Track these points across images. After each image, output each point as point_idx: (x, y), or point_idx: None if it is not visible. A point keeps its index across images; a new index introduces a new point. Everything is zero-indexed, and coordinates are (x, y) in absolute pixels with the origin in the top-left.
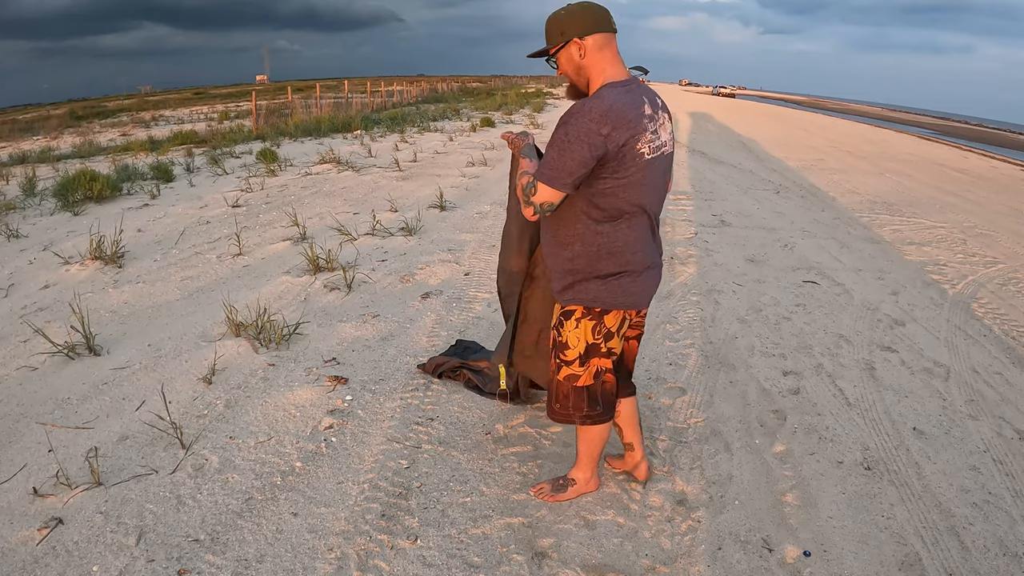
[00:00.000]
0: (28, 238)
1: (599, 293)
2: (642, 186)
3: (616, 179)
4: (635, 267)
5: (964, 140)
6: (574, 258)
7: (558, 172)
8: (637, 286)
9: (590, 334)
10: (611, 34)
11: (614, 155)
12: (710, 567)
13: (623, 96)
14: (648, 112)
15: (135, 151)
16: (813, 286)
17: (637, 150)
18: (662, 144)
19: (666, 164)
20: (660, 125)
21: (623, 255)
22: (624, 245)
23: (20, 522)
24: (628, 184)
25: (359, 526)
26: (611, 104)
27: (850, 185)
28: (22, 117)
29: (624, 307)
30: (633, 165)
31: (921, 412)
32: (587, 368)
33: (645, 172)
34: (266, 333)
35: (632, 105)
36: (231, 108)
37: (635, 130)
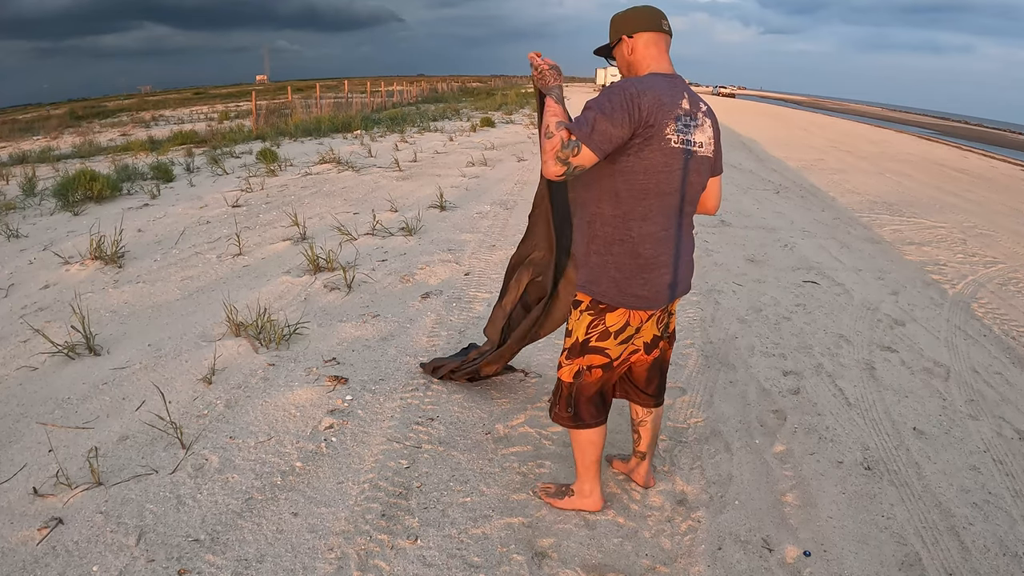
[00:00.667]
0: (28, 238)
1: (608, 288)
2: (663, 173)
3: (639, 158)
4: (648, 263)
5: (964, 140)
6: (591, 240)
7: (601, 135)
8: (645, 286)
9: (583, 330)
10: (661, 34)
11: (642, 132)
12: (710, 567)
13: (662, 82)
14: (685, 107)
15: (135, 151)
16: (813, 286)
17: (664, 134)
18: (696, 142)
19: (698, 163)
20: (697, 125)
21: (637, 246)
22: (639, 236)
23: (20, 522)
24: (650, 167)
25: (359, 526)
26: (650, 84)
27: (850, 185)
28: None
29: (630, 307)
30: (658, 148)
31: (921, 412)
32: (571, 364)
33: (669, 159)
34: (266, 333)
35: (669, 90)
36: (231, 108)
37: (667, 115)
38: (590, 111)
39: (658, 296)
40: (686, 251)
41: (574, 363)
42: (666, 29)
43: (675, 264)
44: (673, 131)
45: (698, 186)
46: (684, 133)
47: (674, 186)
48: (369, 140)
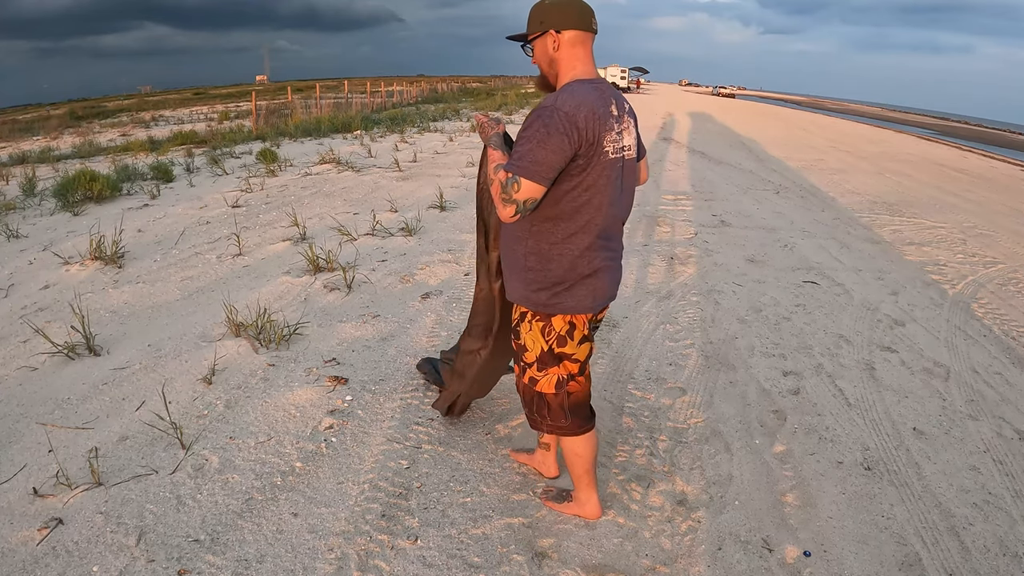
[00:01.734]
0: (28, 238)
1: (548, 297)
2: (603, 186)
3: (580, 177)
4: (586, 271)
5: (964, 140)
6: (528, 254)
7: (540, 165)
8: (588, 292)
9: (540, 337)
10: (588, 33)
11: (584, 152)
12: (710, 567)
13: (592, 92)
14: (614, 113)
15: (135, 151)
16: (813, 286)
17: (603, 148)
18: (625, 147)
19: (630, 167)
20: (624, 128)
21: (575, 257)
22: (577, 247)
23: (20, 522)
24: (592, 184)
25: (359, 526)
26: (583, 99)
27: (850, 185)
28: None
29: (573, 311)
30: (599, 164)
31: (921, 412)
32: (546, 374)
33: (608, 171)
34: (266, 333)
35: (600, 102)
36: (231, 108)
37: (603, 127)
38: (525, 142)
39: (599, 301)
40: (619, 255)
41: (550, 373)
42: (594, 29)
43: (613, 267)
44: (610, 142)
45: (630, 189)
46: (617, 142)
47: (613, 196)
48: (369, 140)
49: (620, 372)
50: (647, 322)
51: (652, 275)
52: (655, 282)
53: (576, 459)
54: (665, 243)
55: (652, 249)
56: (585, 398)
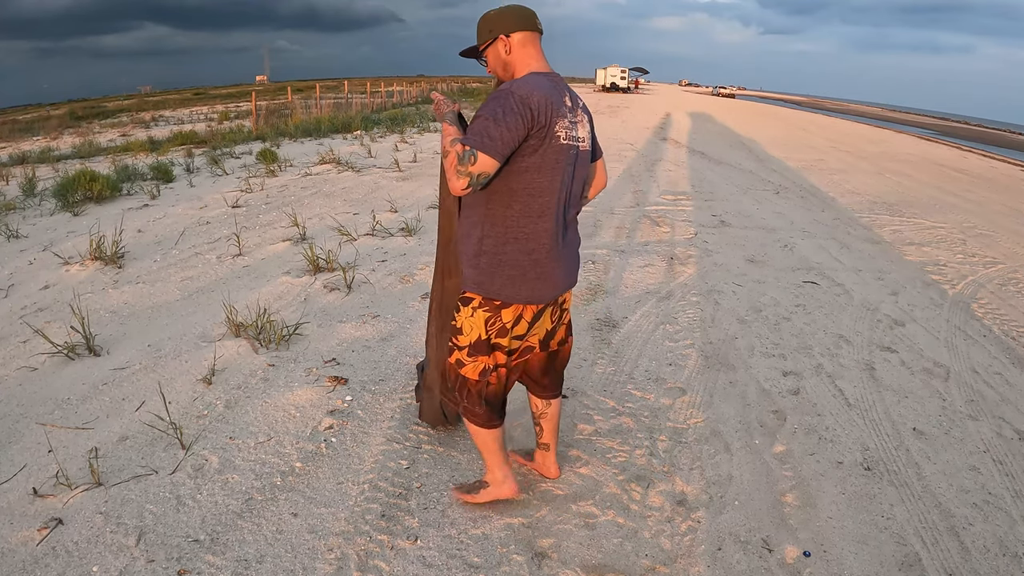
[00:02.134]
0: (28, 238)
1: (502, 285)
2: (555, 171)
3: (534, 158)
4: (541, 258)
5: (964, 140)
6: (483, 238)
7: (495, 140)
8: (538, 280)
9: (483, 327)
10: (536, 33)
11: (536, 133)
12: (710, 567)
13: (545, 81)
14: (568, 104)
15: (135, 151)
16: (813, 286)
17: (555, 132)
18: (578, 138)
19: (582, 158)
20: (578, 121)
21: (530, 242)
22: (532, 233)
23: (20, 522)
24: (543, 166)
25: (359, 526)
26: (536, 85)
27: (850, 185)
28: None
29: (524, 301)
30: (550, 147)
31: (921, 412)
32: (475, 361)
33: (559, 156)
34: (266, 333)
35: (554, 91)
36: (231, 108)
37: (555, 113)
38: (481, 119)
39: (551, 290)
40: (573, 244)
41: (479, 360)
42: (540, 28)
43: (565, 258)
44: (562, 128)
45: (581, 180)
46: (571, 130)
47: (564, 182)
48: (369, 140)
49: (620, 372)
50: (647, 322)
51: (652, 275)
52: (655, 282)
53: (483, 445)
54: (665, 243)
55: (652, 249)
56: (501, 392)
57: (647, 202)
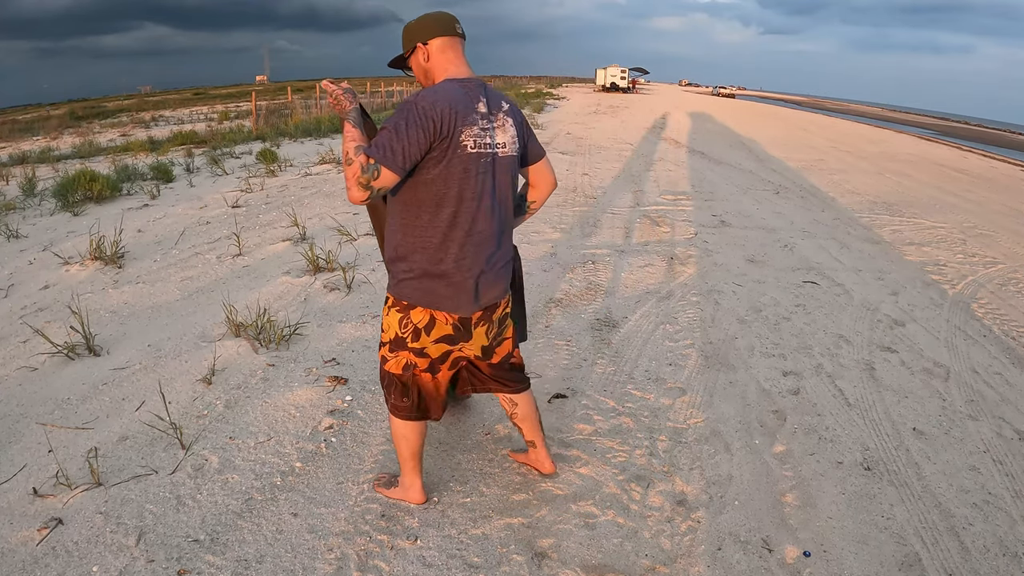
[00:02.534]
0: (28, 238)
1: (408, 289)
2: (463, 180)
3: (437, 169)
4: (449, 269)
5: (964, 140)
6: (398, 246)
7: (397, 155)
8: (448, 288)
9: (397, 326)
10: (455, 38)
11: (439, 144)
12: (710, 567)
13: (457, 89)
14: (481, 110)
15: (135, 151)
16: (813, 286)
17: (461, 142)
18: (495, 144)
19: (504, 164)
20: (497, 126)
21: (432, 252)
22: (440, 243)
23: (20, 522)
24: (449, 176)
25: (359, 526)
26: (442, 95)
27: (850, 185)
28: (22, 117)
29: (431, 307)
30: (455, 157)
31: (921, 412)
32: (396, 356)
33: (468, 166)
34: (266, 333)
35: (463, 98)
36: (231, 108)
37: (462, 122)
38: (385, 131)
39: (463, 299)
40: (498, 254)
41: (399, 356)
42: (459, 32)
43: (485, 268)
44: (470, 137)
45: (505, 187)
46: (482, 137)
47: (476, 191)
48: None
49: (620, 372)
50: (647, 322)
51: (652, 275)
52: (655, 282)
53: (402, 441)
54: (665, 243)
55: (652, 249)
56: (431, 391)
57: (647, 202)
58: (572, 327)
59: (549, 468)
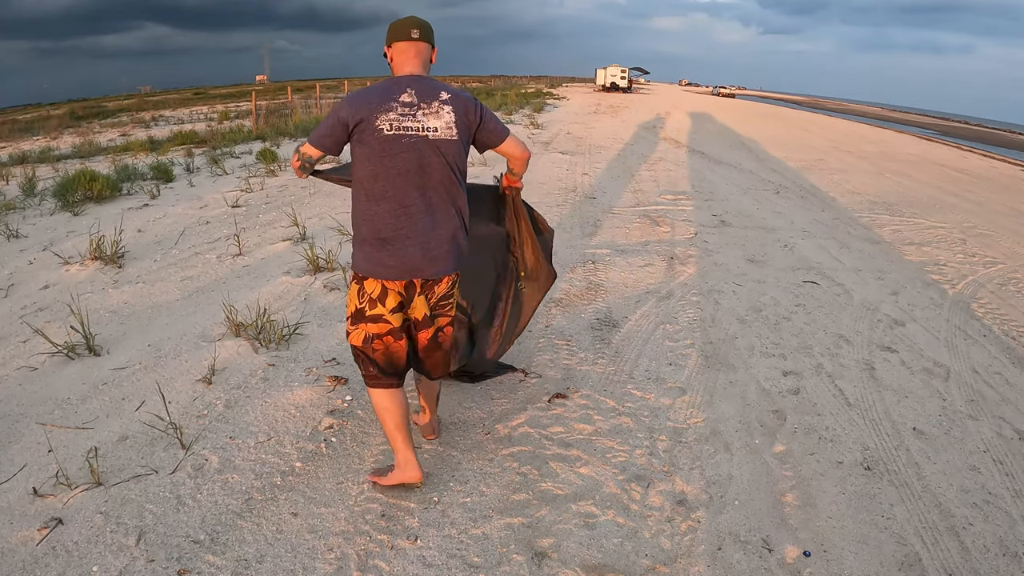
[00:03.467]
0: (28, 238)
1: (357, 259)
2: (386, 157)
3: (361, 150)
4: (388, 236)
5: (964, 140)
6: (353, 225)
7: (316, 134)
8: (390, 258)
9: (356, 297)
10: (409, 42)
11: (356, 129)
12: (710, 567)
13: (383, 84)
14: (406, 99)
15: (135, 151)
16: (813, 286)
17: (376, 126)
18: (420, 128)
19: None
20: (425, 112)
21: (372, 224)
22: (375, 215)
23: (20, 522)
24: (371, 155)
25: (359, 526)
26: (362, 91)
27: (850, 185)
28: (22, 117)
29: (376, 276)
30: (372, 138)
31: (921, 412)
32: (356, 328)
33: (388, 145)
34: (266, 333)
35: (383, 90)
36: (231, 108)
37: (377, 109)
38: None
39: (404, 267)
40: (436, 228)
41: (359, 328)
42: (415, 36)
43: (422, 240)
44: (386, 121)
45: (438, 167)
46: (402, 121)
47: (404, 168)
48: None
49: (620, 372)
50: (647, 322)
51: (652, 275)
52: (655, 282)
53: (384, 413)
54: (665, 243)
55: (652, 249)
56: (394, 355)
57: (647, 202)
58: (572, 327)
59: (429, 435)
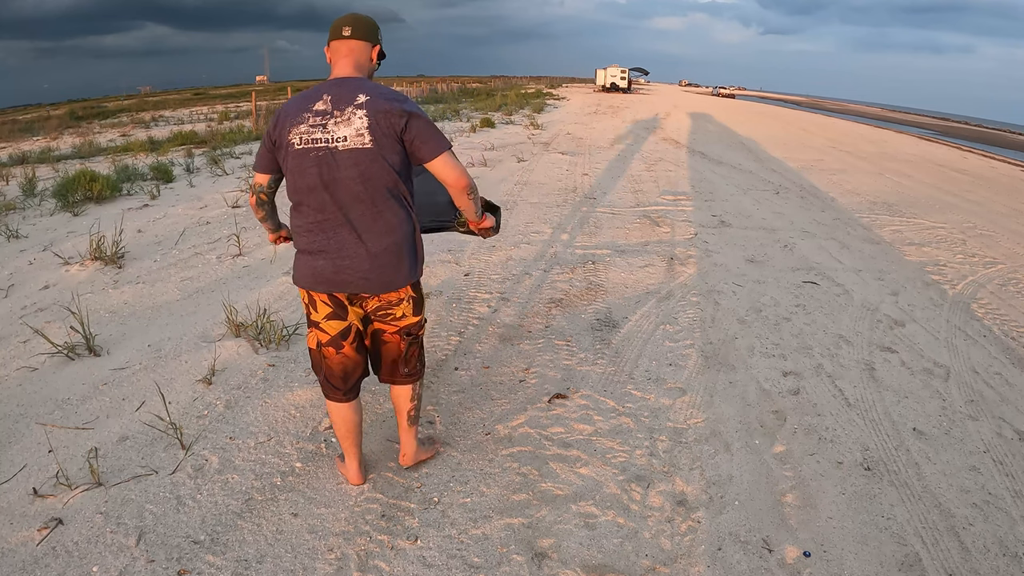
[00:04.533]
0: (28, 238)
1: (294, 270)
2: (298, 173)
3: (282, 165)
4: (303, 247)
5: (964, 140)
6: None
7: (257, 158)
8: (308, 268)
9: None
10: (340, 40)
11: (277, 146)
12: (710, 567)
13: (300, 94)
14: (319, 108)
15: (135, 151)
16: (813, 287)
17: (288, 141)
18: (336, 137)
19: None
20: (336, 121)
21: (297, 236)
22: (297, 227)
23: (20, 522)
24: (290, 169)
25: (359, 526)
26: (290, 102)
27: (850, 185)
28: (22, 117)
29: (301, 285)
30: (288, 154)
31: (921, 412)
32: (309, 332)
33: (299, 161)
34: (266, 333)
35: (300, 100)
36: (231, 108)
37: (289, 124)
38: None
39: (318, 280)
40: (356, 244)
41: (310, 332)
42: (346, 35)
43: (334, 256)
44: (296, 135)
45: (349, 181)
46: (311, 133)
47: (313, 182)
48: None
49: (620, 372)
50: (647, 322)
51: (652, 275)
52: (655, 282)
53: (333, 421)
54: (665, 243)
55: (652, 249)
56: (337, 368)
57: (647, 202)
58: (572, 327)
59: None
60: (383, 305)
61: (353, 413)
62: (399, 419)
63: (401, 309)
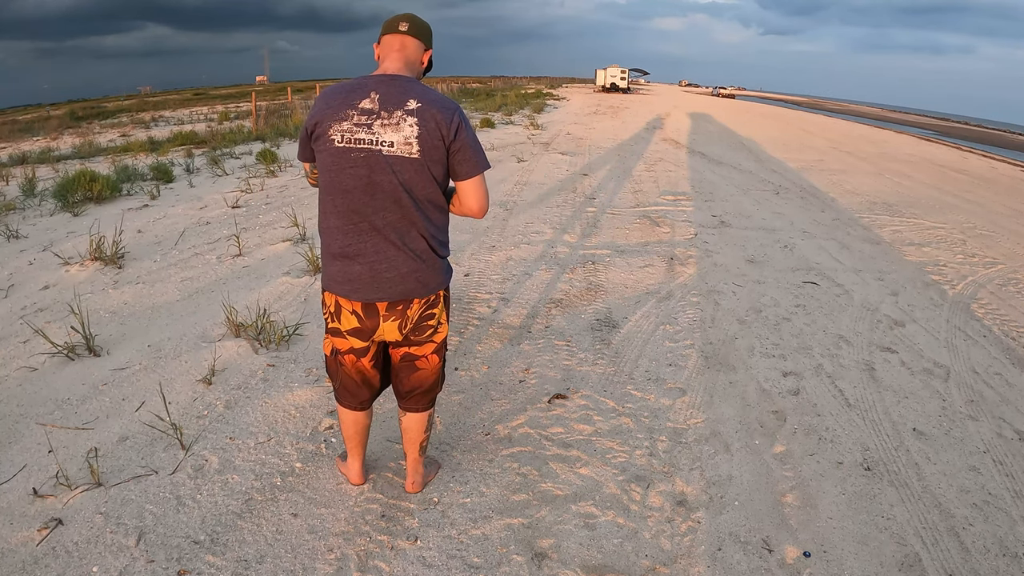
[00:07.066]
0: (28, 239)
1: (324, 271)
2: (334, 172)
3: (318, 160)
4: (336, 252)
5: (964, 140)
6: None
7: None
8: (342, 275)
9: (323, 308)
10: (395, 35)
11: (314, 137)
12: (710, 567)
13: (345, 85)
14: (365, 106)
15: (135, 152)
16: (813, 287)
17: (328, 136)
18: (382, 140)
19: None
20: (384, 123)
21: (326, 237)
22: (327, 228)
23: (20, 522)
24: (324, 167)
25: (359, 527)
26: (325, 93)
27: (850, 186)
28: (22, 117)
29: (330, 290)
30: (325, 150)
31: (921, 413)
32: (327, 339)
33: (337, 159)
34: (266, 334)
35: (341, 93)
36: (231, 109)
37: (330, 117)
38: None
39: (354, 287)
40: (390, 249)
41: (327, 339)
42: (402, 30)
43: (371, 261)
44: (338, 131)
45: (390, 187)
46: (354, 132)
47: (351, 184)
48: None
49: (620, 372)
50: (647, 322)
51: (652, 275)
52: (655, 282)
53: (343, 424)
54: (665, 243)
55: (652, 249)
56: (356, 377)
57: (647, 202)
58: (572, 327)
59: (408, 487)
60: (423, 315)
61: (365, 418)
62: (408, 448)
63: (438, 315)
